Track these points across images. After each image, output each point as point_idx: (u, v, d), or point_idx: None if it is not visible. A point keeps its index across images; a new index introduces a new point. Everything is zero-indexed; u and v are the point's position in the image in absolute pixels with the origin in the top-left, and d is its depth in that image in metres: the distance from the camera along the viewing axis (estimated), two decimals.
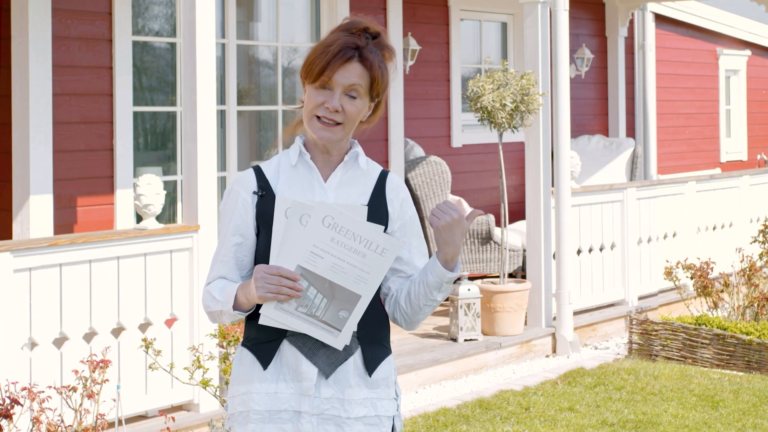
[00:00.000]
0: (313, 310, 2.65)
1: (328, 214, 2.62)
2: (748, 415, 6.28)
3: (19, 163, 6.59)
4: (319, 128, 2.75)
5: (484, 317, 7.82)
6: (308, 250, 2.62)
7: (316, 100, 2.75)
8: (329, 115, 2.74)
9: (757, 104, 15.17)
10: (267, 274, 2.64)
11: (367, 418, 2.77)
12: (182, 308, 5.84)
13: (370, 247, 2.64)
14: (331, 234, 2.62)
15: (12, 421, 4.55)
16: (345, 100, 2.74)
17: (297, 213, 2.63)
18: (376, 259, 2.64)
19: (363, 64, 2.74)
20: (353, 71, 2.73)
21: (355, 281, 2.64)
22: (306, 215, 2.63)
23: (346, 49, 2.73)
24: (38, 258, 5.22)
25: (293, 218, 2.63)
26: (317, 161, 2.82)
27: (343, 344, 2.68)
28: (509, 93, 7.66)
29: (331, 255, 2.63)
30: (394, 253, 2.66)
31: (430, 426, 6.06)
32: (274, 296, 2.63)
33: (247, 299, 2.71)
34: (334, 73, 2.72)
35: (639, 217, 9.12)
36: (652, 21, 12.33)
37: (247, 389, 2.77)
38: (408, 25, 9.39)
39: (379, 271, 2.66)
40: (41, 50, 6.58)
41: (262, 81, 8.50)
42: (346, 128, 2.77)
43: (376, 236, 2.64)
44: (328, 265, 2.63)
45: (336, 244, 2.63)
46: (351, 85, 2.73)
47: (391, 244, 2.65)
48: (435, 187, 8.83)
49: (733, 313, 8.07)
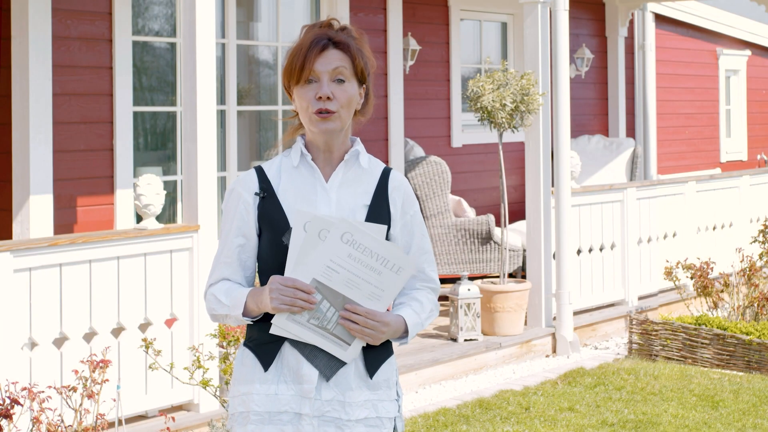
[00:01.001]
0: (325, 322, 2.68)
1: (347, 231, 2.65)
2: (748, 415, 6.28)
3: (19, 163, 6.59)
4: (318, 122, 2.75)
5: (484, 317, 7.82)
6: (325, 264, 2.65)
7: (306, 96, 2.76)
8: (324, 106, 2.74)
9: (757, 104, 15.17)
10: (282, 286, 2.65)
11: (368, 419, 2.77)
12: (182, 308, 5.84)
13: (387, 265, 2.67)
14: (349, 250, 2.65)
15: (12, 421, 4.54)
16: (334, 87, 2.75)
17: (316, 227, 2.66)
18: (392, 277, 2.68)
19: (338, 47, 2.76)
20: (332, 56, 2.75)
21: (369, 297, 2.68)
22: (325, 230, 2.65)
23: (318, 40, 2.76)
24: (38, 258, 5.22)
25: (312, 232, 2.66)
26: (318, 161, 2.82)
27: (351, 358, 2.71)
28: (509, 93, 7.66)
29: (347, 270, 2.66)
30: (409, 273, 2.69)
31: (430, 426, 6.06)
32: (288, 308, 2.65)
33: (258, 308, 2.72)
34: (314, 63, 2.74)
35: (639, 217, 9.12)
36: (652, 21, 12.33)
37: (248, 390, 2.77)
38: (408, 25, 9.39)
39: (393, 289, 2.69)
40: (41, 50, 6.58)
41: (262, 81, 8.50)
42: (343, 115, 2.77)
43: (393, 255, 2.68)
44: (344, 280, 2.66)
45: (353, 260, 2.66)
46: (334, 68, 2.75)
47: (407, 263, 2.69)
48: (435, 187, 8.83)
49: (733, 313, 8.07)
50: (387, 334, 2.72)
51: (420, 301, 2.84)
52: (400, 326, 2.76)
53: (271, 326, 2.69)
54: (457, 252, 8.82)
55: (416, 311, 2.81)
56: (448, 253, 8.83)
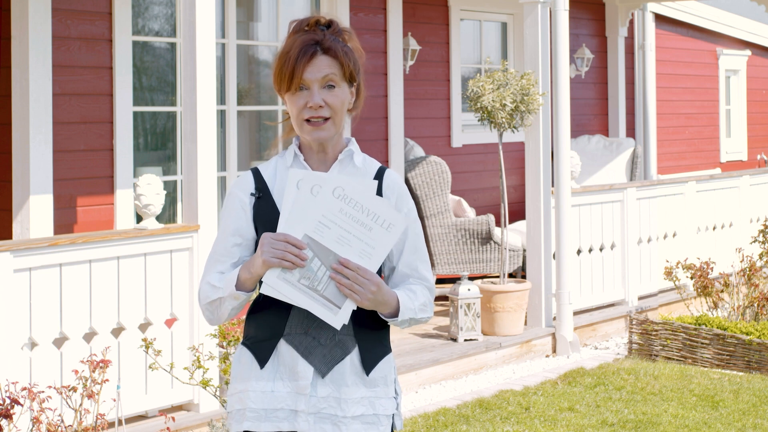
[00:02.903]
0: (315, 283, 2.66)
1: (339, 185, 2.66)
2: (748, 415, 6.28)
3: (19, 163, 6.59)
4: (311, 130, 2.77)
5: (484, 317, 7.82)
6: (317, 219, 2.66)
7: (298, 104, 2.76)
8: (315, 114, 2.75)
9: (757, 104, 15.17)
10: (273, 240, 2.65)
11: (365, 416, 2.77)
12: (182, 308, 5.84)
13: (377, 221, 2.67)
14: (340, 205, 2.66)
15: (12, 421, 4.55)
16: (325, 94, 2.75)
17: (309, 184, 2.67)
18: (382, 234, 2.68)
19: (327, 54, 2.76)
20: (321, 64, 2.75)
21: (360, 255, 2.67)
22: (317, 186, 2.67)
23: (306, 47, 2.75)
24: (38, 258, 5.22)
25: (304, 188, 2.67)
26: (312, 162, 2.83)
27: (341, 323, 2.68)
28: (509, 93, 7.67)
29: (339, 226, 2.66)
30: (399, 230, 2.69)
31: (430, 426, 6.06)
32: (278, 262, 2.64)
33: (251, 273, 2.70)
34: (303, 72, 2.74)
35: (639, 217, 9.12)
36: (652, 21, 12.33)
37: (244, 387, 2.78)
38: (408, 25, 9.39)
39: (384, 247, 2.69)
40: (41, 50, 6.58)
41: (262, 81, 8.51)
42: (336, 121, 2.78)
43: (384, 210, 2.68)
44: (335, 237, 2.66)
45: (344, 215, 2.66)
46: (324, 77, 2.75)
47: (397, 219, 2.69)
48: (435, 187, 8.83)
49: (733, 313, 8.07)
50: (376, 297, 2.68)
51: (414, 291, 2.82)
52: (391, 299, 2.73)
53: (262, 285, 2.68)
54: (457, 252, 8.82)
55: (409, 297, 2.80)
56: (448, 253, 8.83)
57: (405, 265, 2.84)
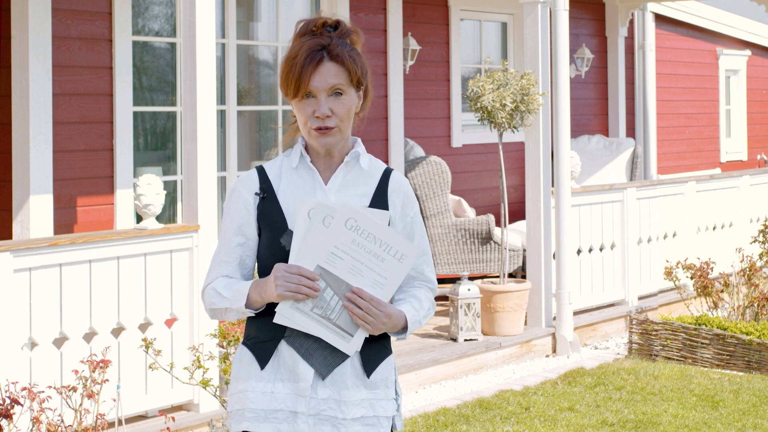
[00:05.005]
0: (328, 312, 2.67)
1: (351, 216, 2.66)
2: (748, 415, 6.28)
3: (19, 163, 6.59)
4: (318, 137, 2.74)
5: (484, 317, 7.82)
6: (329, 251, 2.66)
7: (305, 112, 2.73)
8: (322, 123, 2.72)
9: (757, 104, 15.17)
10: (287, 273, 2.65)
11: (365, 418, 2.77)
12: (182, 308, 5.84)
13: (390, 252, 2.67)
14: (353, 236, 2.66)
15: (12, 421, 4.55)
16: (332, 102, 2.72)
17: (320, 214, 2.66)
18: (395, 264, 2.68)
19: (334, 61, 2.71)
20: (328, 72, 2.70)
21: (372, 285, 2.68)
22: (329, 217, 2.66)
23: (313, 54, 2.70)
24: (38, 258, 5.22)
25: (316, 219, 2.66)
26: (318, 164, 2.81)
27: (354, 350, 2.70)
28: (509, 93, 7.66)
29: (351, 257, 2.66)
30: (411, 260, 2.69)
31: (430, 426, 6.06)
32: (293, 295, 2.64)
33: (262, 298, 2.70)
34: (310, 81, 2.69)
35: (639, 217, 9.12)
36: (652, 21, 12.33)
37: (244, 387, 2.78)
38: (408, 25, 9.39)
39: (396, 277, 2.69)
40: (41, 50, 6.58)
41: (262, 81, 8.51)
42: (343, 128, 2.76)
43: (396, 241, 2.68)
44: (347, 267, 2.66)
45: (357, 246, 2.66)
46: (332, 86, 2.71)
47: (409, 250, 2.69)
48: (435, 187, 8.83)
49: (733, 313, 8.07)
50: (387, 326, 2.71)
51: (419, 299, 2.84)
52: (400, 321, 2.76)
53: (275, 315, 2.68)
54: (457, 252, 8.82)
55: (415, 308, 2.81)
56: (448, 253, 8.83)
57: (412, 268, 2.85)
